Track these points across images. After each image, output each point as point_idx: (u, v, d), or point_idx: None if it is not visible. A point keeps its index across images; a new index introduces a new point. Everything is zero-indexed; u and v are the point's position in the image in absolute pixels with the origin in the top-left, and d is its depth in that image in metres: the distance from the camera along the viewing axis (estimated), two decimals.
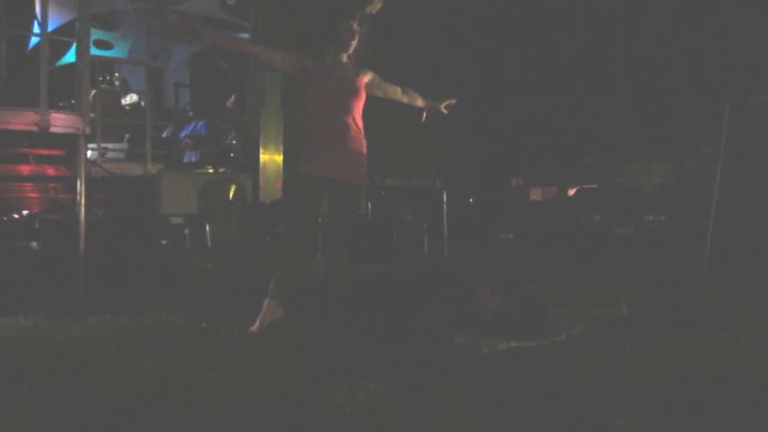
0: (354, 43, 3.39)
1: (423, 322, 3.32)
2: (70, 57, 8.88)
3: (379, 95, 3.56)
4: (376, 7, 3.36)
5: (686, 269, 5.83)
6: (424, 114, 3.69)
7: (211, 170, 7.93)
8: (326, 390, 2.19)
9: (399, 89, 3.60)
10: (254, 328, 3.18)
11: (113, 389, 2.20)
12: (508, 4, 11.62)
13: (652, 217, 10.28)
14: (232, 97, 8.76)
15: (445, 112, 3.66)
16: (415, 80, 3.80)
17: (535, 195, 12.90)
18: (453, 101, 3.67)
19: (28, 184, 6.21)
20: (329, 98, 3.34)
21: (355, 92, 3.39)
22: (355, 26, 3.36)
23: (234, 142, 8.62)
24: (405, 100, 3.62)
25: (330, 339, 3.00)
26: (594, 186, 11.54)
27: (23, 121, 4.54)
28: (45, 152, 5.69)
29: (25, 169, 5.91)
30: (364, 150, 3.42)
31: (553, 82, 12.87)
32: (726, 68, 11.73)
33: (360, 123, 3.42)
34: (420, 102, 3.65)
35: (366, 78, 3.46)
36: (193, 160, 8.70)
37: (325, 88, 3.34)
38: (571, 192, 11.81)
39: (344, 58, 3.43)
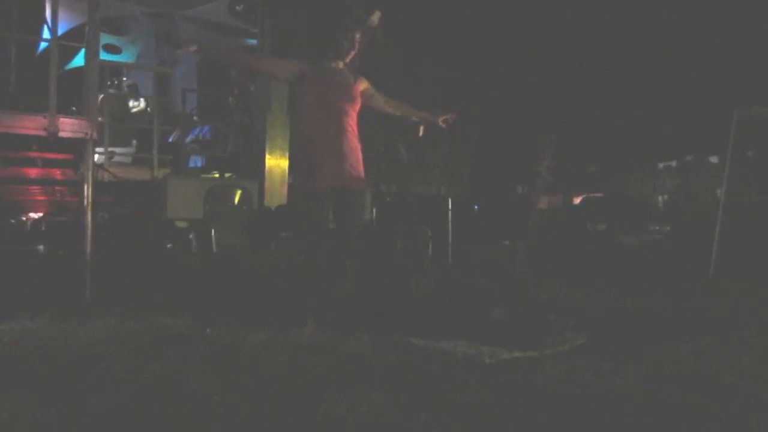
0: (353, 53, 3.45)
1: (426, 330, 3.32)
2: (79, 60, 8.95)
3: (373, 106, 3.57)
4: (375, 20, 3.40)
5: (691, 279, 5.81)
6: (421, 129, 3.69)
7: (217, 175, 7.96)
8: (328, 398, 2.19)
9: (393, 102, 3.61)
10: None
11: (117, 394, 2.21)
12: (513, 11, 11.65)
13: (657, 227, 10.24)
14: (233, 98, 8.80)
15: (443, 126, 3.65)
16: (419, 86, 3.82)
17: (541, 203, 12.88)
18: (451, 116, 3.64)
19: (35, 187, 6.26)
20: (326, 104, 3.39)
21: (352, 99, 3.44)
22: (357, 37, 3.41)
23: (239, 142, 8.63)
24: (398, 113, 3.63)
25: (333, 347, 3.01)
26: (600, 195, 11.51)
27: (32, 125, 4.57)
28: (53, 156, 5.74)
29: (33, 172, 5.96)
30: (360, 155, 3.46)
31: (559, 91, 12.87)
32: (733, 79, 11.70)
33: (355, 129, 3.46)
34: (415, 116, 3.65)
35: (362, 86, 3.50)
36: (199, 165, 8.74)
37: (321, 93, 3.39)
38: (577, 200, 11.79)
39: (341, 65, 3.47)
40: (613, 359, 2.83)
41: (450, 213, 8.74)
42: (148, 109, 8.68)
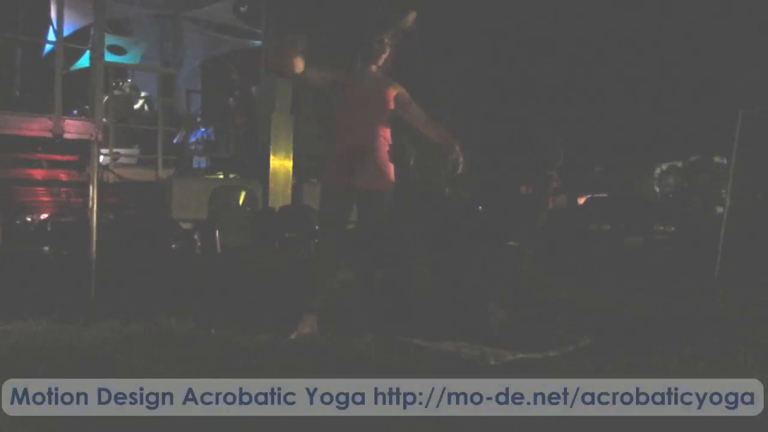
0: (384, 56, 3.42)
1: (429, 331, 3.32)
2: (84, 61, 8.97)
3: (402, 114, 3.48)
4: (408, 22, 3.37)
5: (696, 280, 5.79)
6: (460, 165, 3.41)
7: (221, 176, 7.97)
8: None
9: (423, 115, 3.49)
10: (292, 337, 3.23)
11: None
12: (520, 11, 11.64)
13: (662, 227, 10.21)
14: (233, 99, 8.81)
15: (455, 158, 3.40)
16: (426, 85, 3.76)
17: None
18: (460, 159, 3.37)
19: (40, 188, 6.28)
20: (357, 108, 3.38)
21: (383, 103, 3.42)
22: (387, 40, 3.39)
23: (239, 143, 8.63)
24: (423, 127, 3.48)
25: (337, 348, 3.01)
26: (604, 195, 11.48)
27: (38, 127, 4.61)
28: (58, 157, 5.76)
29: (39, 173, 5.98)
30: (388, 159, 3.45)
31: (564, 91, 12.85)
32: (739, 78, 11.67)
33: (387, 133, 3.45)
34: (439, 137, 3.45)
35: (395, 91, 3.46)
36: (203, 166, 8.74)
37: (352, 99, 3.39)
38: (581, 201, 11.75)
39: (373, 68, 3.45)
40: (617, 361, 2.82)
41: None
42: (146, 107, 8.69)
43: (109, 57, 8.23)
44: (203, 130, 9.24)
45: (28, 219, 6.43)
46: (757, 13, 11.47)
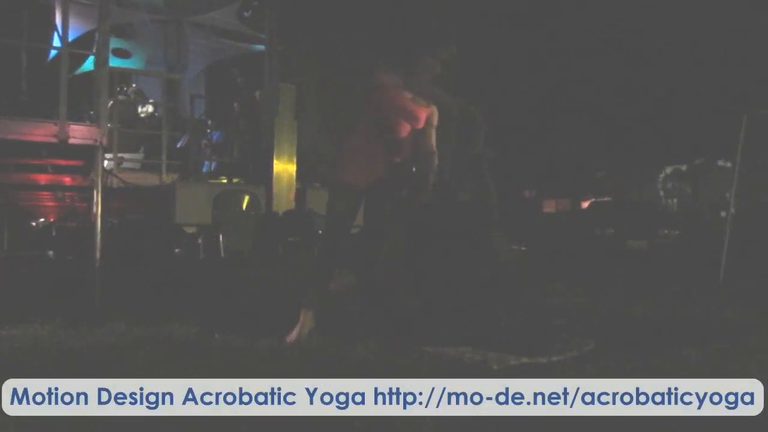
0: (428, 75, 3.40)
1: (432, 336, 3.32)
2: (88, 66, 9.03)
3: (418, 132, 3.48)
4: (451, 51, 3.35)
5: (701, 284, 5.77)
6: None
7: (224, 180, 8.00)
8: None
9: (432, 152, 3.48)
10: (292, 338, 3.23)
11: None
12: (524, 13, 11.66)
13: (666, 231, 10.20)
14: (237, 103, 8.85)
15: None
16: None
17: (548, 207, 12.86)
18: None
19: (45, 193, 6.31)
20: (390, 116, 3.38)
21: (418, 119, 3.42)
22: (432, 61, 3.37)
23: (244, 147, 8.66)
24: (426, 154, 3.48)
25: (341, 352, 3.01)
26: (608, 199, 11.48)
27: (43, 132, 4.64)
28: (63, 162, 5.79)
29: (43, 178, 6.02)
30: (394, 169, 3.45)
31: (567, 95, 12.86)
32: (743, 82, 11.65)
33: (404, 146, 3.43)
34: (429, 164, 3.48)
35: (428, 112, 3.46)
36: (210, 169, 8.77)
37: (389, 106, 3.39)
38: (585, 204, 11.75)
39: (415, 83, 3.43)
40: (621, 366, 2.81)
41: None
42: (156, 113, 8.74)
43: (113, 61, 8.28)
44: (210, 133, 9.28)
45: (33, 223, 6.47)
46: (762, 15, 11.46)
